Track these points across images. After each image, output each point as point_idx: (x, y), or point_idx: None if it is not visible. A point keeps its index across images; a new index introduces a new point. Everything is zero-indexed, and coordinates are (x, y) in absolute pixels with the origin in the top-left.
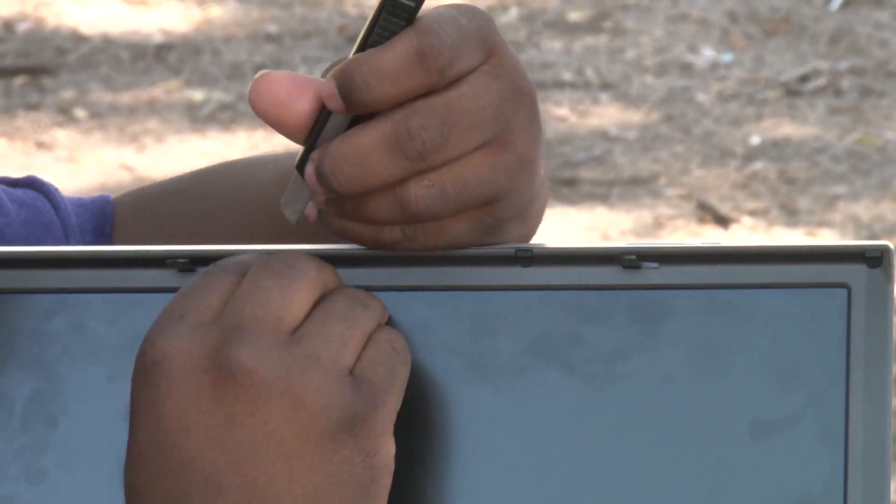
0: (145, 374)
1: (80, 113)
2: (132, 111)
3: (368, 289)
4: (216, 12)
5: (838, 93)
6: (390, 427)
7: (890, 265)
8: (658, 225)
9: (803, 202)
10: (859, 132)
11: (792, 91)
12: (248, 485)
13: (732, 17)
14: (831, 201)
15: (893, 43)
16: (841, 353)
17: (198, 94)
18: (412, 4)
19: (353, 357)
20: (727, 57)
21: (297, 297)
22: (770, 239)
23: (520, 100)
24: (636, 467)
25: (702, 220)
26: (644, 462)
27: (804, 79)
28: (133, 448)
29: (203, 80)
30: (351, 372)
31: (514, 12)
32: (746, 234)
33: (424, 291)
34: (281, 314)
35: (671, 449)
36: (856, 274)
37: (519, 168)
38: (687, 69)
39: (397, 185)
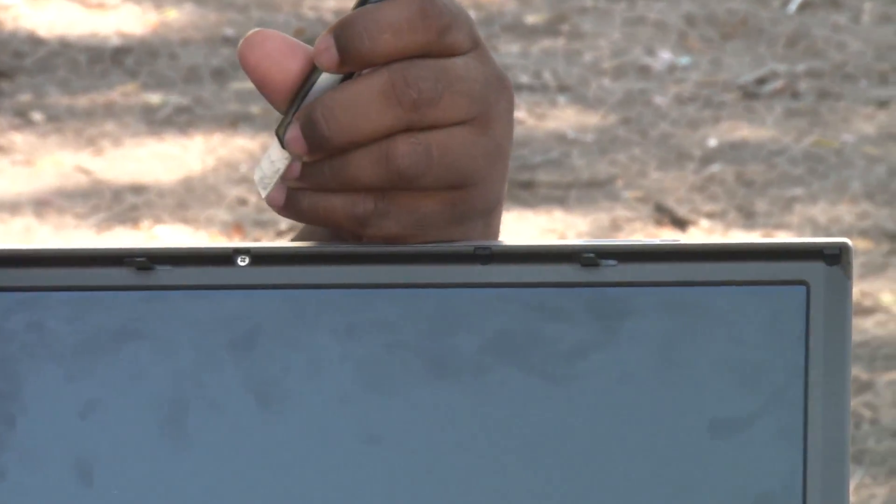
0: None
1: (37, 116)
2: (89, 114)
3: (327, 287)
4: (173, 15)
5: (795, 95)
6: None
7: (848, 262)
8: (615, 227)
9: (760, 204)
10: (816, 135)
11: (749, 94)
12: None
13: (690, 20)
14: (788, 203)
15: (851, 45)
16: (800, 351)
17: (155, 98)
18: None
19: None
20: (684, 60)
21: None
22: (719, 232)
23: (501, 90)
24: (596, 465)
25: (659, 223)
26: (604, 460)
27: (761, 81)
28: None
29: (160, 84)
30: None
31: (471, 15)
32: (704, 236)
33: (384, 289)
34: None
35: (631, 447)
36: (814, 271)
37: (497, 156)
38: (644, 72)
39: (384, 140)
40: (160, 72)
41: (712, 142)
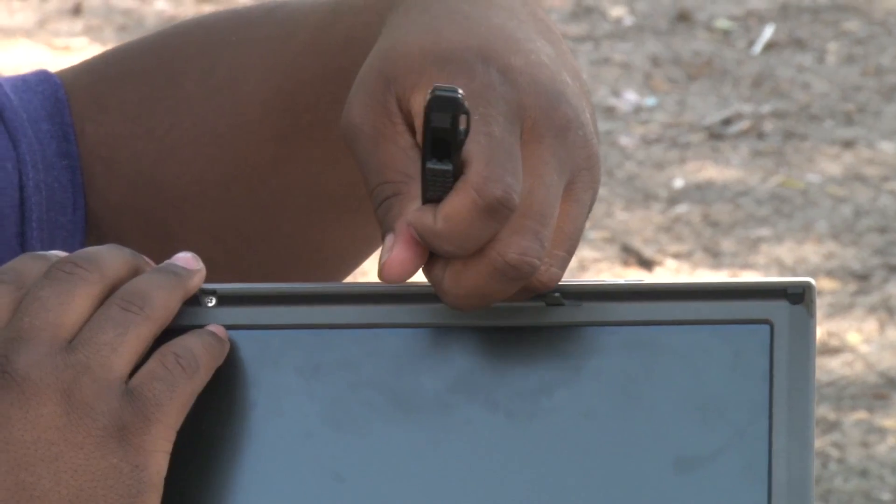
0: None
1: None
2: None
3: (293, 327)
4: None
5: (761, 136)
6: (164, 445)
7: (811, 301)
8: (582, 268)
9: (727, 245)
10: (782, 175)
11: (715, 134)
12: (18, 484)
13: (655, 61)
14: (754, 244)
15: (815, 86)
16: (764, 389)
17: None
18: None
19: (128, 364)
20: (650, 101)
21: (75, 304)
22: (685, 272)
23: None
24: (562, 503)
25: (626, 263)
26: (570, 498)
27: (727, 122)
28: None
29: None
30: (128, 382)
31: None
32: (670, 276)
33: (349, 329)
34: (59, 322)
35: (597, 485)
36: (778, 310)
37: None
38: (610, 113)
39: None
40: None
41: (678, 182)
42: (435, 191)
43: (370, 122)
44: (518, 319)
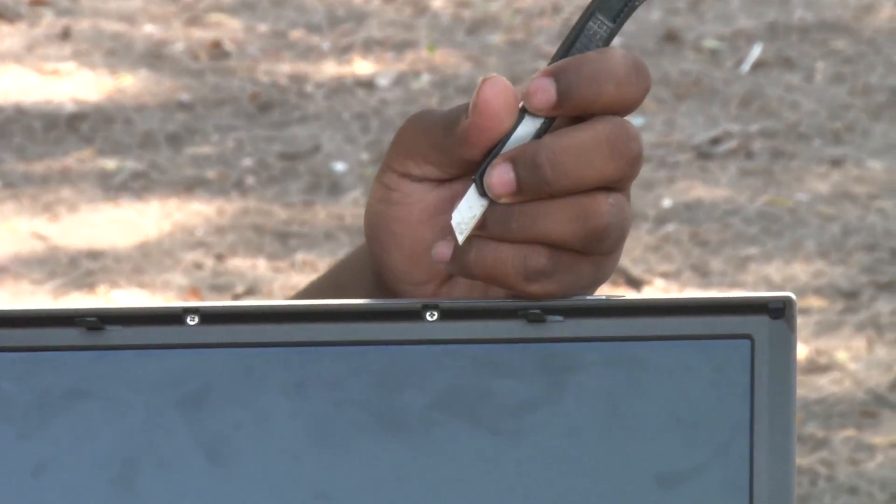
0: None
1: None
2: (45, 180)
3: (276, 345)
4: (128, 81)
5: (749, 155)
6: None
7: (792, 316)
8: None
9: (715, 264)
10: (770, 194)
11: (703, 154)
12: None
13: None
14: (743, 263)
15: (804, 105)
16: (745, 404)
17: (110, 163)
18: (613, 26)
19: None
20: (638, 121)
21: None
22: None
23: None
24: None
25: (614, 283)
26: None
27: (715, 141)
28: None
29: (115, 149)
30: None
31: (425, 78)
32: (654, 293)
33: (333, 347)
34: None
35: (579, 501)
36: (759, 325)
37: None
38: None
39: (582, 195)
40: (115, 137)
41: (667, 202)
42: (581, 45)
43: (377, 202)
44: (500, 335)
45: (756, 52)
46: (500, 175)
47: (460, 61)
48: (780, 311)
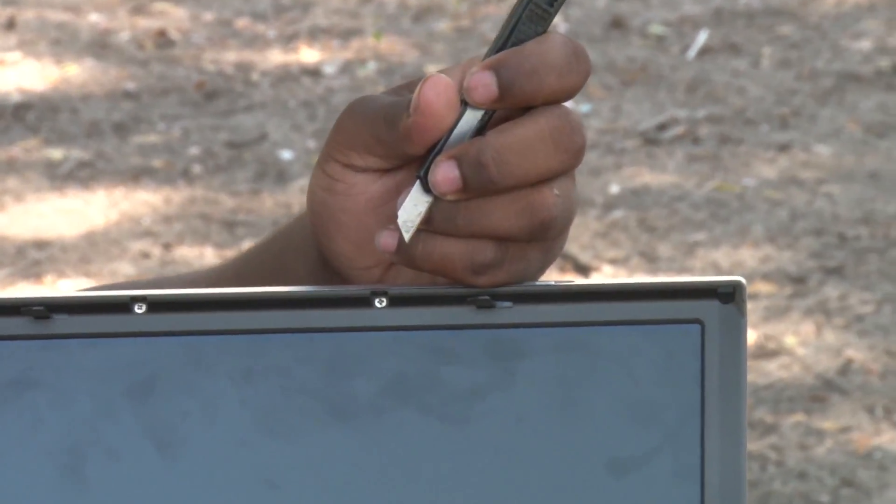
0: None
1: None
2: None
3: (224, 333)
4: (73, 71)
5: (696, 141)
6: None
7: (742, 300)
8: None
9: (663, 249)
10: (718, 179)
11: (650, 140)
12: None
13: None
14: (691, 248)
15: (750, 90)
16: (696, 389)
17: (56, 153)
18: (551, 10)
19: None
20: (585, 107)
21: None
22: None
23: None
24: None
25: (562, 269)
26: (503, 500)
27: (662, 127)
28: None
29: (62, 139)
30: None
31: (372, 66)
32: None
33: (281, 334)
34: None
35: (530, 487)
36: (709, 310)
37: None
38: None
39: (527, 189)
40: (61, 127)
41: (614, 188)
42: (520, 32)
43: (321, 191)
44: (449, 321)
45: (702, 37)
46: (445, 173)
47: (406, 49)
48: (729, 295)
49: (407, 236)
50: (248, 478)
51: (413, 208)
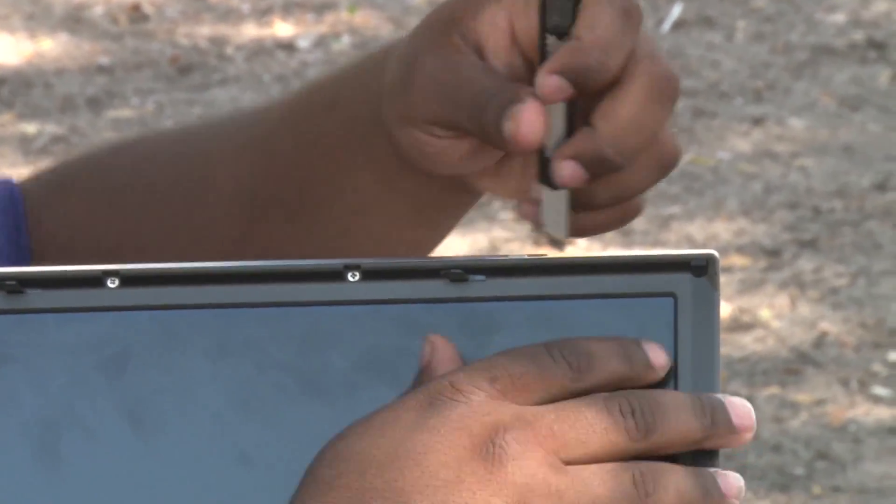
0: (438, 394)
1: None
2: None
3: (197, 307)
4: (47, 45)
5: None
6: None
7: (715, 273)
8: (494, 248)
9: (638, 223)
10: (692, 153)
11: None
12: None
13: None
14: (665, 221)
15: (725, 64)
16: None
17: (31, 128)
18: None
19: None
20: None
21: (593, 442)
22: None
23: None
24: None
25: (537, 243)
26: None
27: None
28: (368, 449)
29: (35, 114)
30: None
31: (346, 40)
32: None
33: (254, 308)
34: (570, 442)
35: None
36: (682, 283)
37: None
38: None
39: (654, 143)
40: (35, 102)
41: None
42: (553, 16)
43: (441, 59)
44: (422, 295)
45: (676, 11)
46: (571, 173)
47: (381, 23)
48: (702, 268)
49: (563, 237)
50: (222, 452)
51: (556, 213)
